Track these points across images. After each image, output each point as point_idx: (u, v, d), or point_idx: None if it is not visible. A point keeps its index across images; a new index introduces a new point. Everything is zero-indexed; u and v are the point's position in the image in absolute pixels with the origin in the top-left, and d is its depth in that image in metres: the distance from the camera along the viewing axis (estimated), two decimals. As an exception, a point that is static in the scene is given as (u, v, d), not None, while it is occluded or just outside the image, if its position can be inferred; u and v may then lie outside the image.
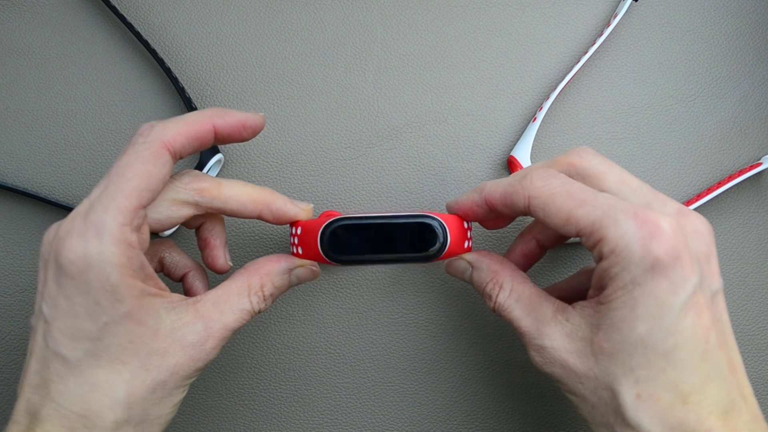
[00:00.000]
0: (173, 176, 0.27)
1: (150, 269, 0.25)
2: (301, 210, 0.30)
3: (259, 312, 0.28)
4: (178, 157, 0.26)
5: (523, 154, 0.36)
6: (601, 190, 0.25)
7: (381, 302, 0.37)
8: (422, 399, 0.36)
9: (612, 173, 0.26)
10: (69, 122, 0.38)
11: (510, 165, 0.37)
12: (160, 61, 0.37)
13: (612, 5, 0.39)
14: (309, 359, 0.37)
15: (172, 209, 0.27)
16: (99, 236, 0.23)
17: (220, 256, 0.30)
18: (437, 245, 0.28)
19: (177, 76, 0.37)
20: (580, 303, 0.25)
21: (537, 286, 0.28)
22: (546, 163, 0.27)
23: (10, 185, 0.36)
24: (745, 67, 0.39)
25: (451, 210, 0.30)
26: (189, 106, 0.36)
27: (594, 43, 0.37)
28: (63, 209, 0.36)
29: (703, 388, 0.23)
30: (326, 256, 0.28)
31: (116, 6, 0.37)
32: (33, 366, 0.24)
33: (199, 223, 0.30)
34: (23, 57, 0.38)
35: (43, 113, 0.38)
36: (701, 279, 0.23)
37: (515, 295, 0.27)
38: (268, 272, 0.29)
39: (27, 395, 0.24)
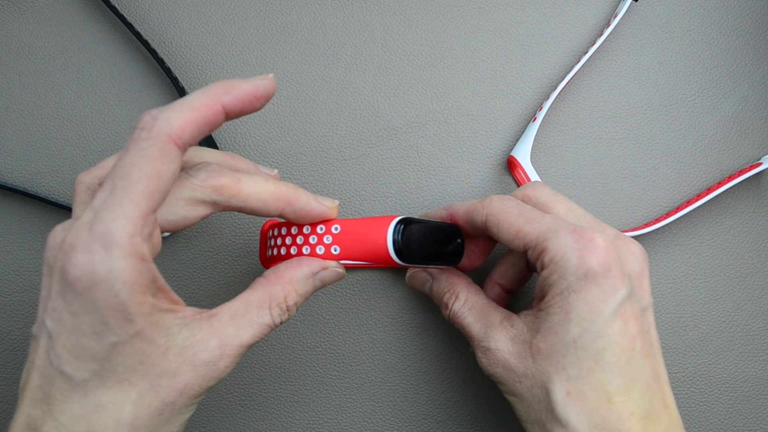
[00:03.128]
0: (188, 171, 0.25)
1: (162, 281, 0.23)
2: (327, 208, 0.28)
3: (280, 324, 0.26)
4: (186, 148, 0.23)
5: (523, 154, 0.36)
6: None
7: (381, 302, 0.37)
8: (422, 399, 0.36)
9: (560, 203, 0.29)
10: (69, 122, 0.38)
11: (510, 165, 0.37)
12: (160, 61, 0.37)
13: (612, 5, 0.39)
14: (309, 359, 0.37)
15: (187, 209, 0.25)
16: (107, 250, 0.21)
17: None
18: (461, 251, 0.32)
19: (177, 76, 0.37)
20: (524, 311, 0.28)
21: (489, 299, 0.31)
22: (504, 196, 0.31)
23: (10, 185, 0.36)
24: (745, 67, 0.39)
25: None
26: (189, 106, 0.36)
27: (594, 43, 0.37)
28: (63, 209, 0.36)
29: (626, 390, 0.25)
30: (398, 255, 0.27)
31: (116, 6, 0.37)
32: (35, 380, 0.23)
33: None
34: (23, 57, 0.38)
35: (43, 113, 0.38)
36: (631, 292, 0.25)
37: (469, 304, 0.30)
38: (291, 279, 0.26)
39: (28, 409, 0.23)
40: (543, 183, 0.31)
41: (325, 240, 0.28)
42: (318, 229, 0.28)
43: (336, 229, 0.28)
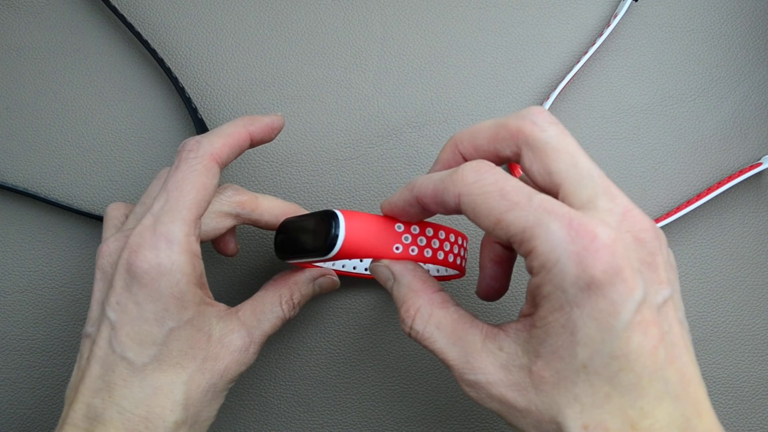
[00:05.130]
0: (216, 190, 0.29)
1: (205, 278, 0.27)
2: None
3: (289, 319, 0.30)
4: (224, 166, 0.28)
5: (523, 154, 0.36)
6: (548, 172, 0.22)
7: (381, 302, 0.37)
8: (422, 399, 0.36)
9: (564, 152, 0.22)
10: (69, 122, 0.38)
11: (510, 165, 0.37)
12: (160, 61, 0.37)
13: (612, 5, 0.39)
14: (309, 359, 0.37)
15: (217, 221, 0.29)
16: (170, 246, 0.25)
17: (231, 242, 0.33)
18: (326, 239, 0.25)
19: (177, 76, 0.37)
20: (513, 327, 0.23)
21: (461, 309, 0.25)
22: (495, 125, 0.24)
23: (10, 185, 0.36)
24: (745, 67, 0.39)
25: (384, 211, 0.27)
26: (189, 106, 0.36)
27: (594, 43, 0.37)
28: (63, 209, 0.36)
29: (652, 410, 0.21)
30: (277, 253, 0.30)
31: (116, 6, 0.37)
32: (95, 371, 0.25)
33: None
34: (23, 57, 0.38)
35: (43, 113, 0.38)
36: (645, 292, 0.21)
37: (435, 321, 0.24)
38: (296, 282, 0.31)
39: (87, 399, 0.25)
40: (546, 112, 0.24)
41: None
42: None
43: None
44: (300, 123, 0.38)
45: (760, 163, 0.36)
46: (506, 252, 0.28)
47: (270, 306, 0.30)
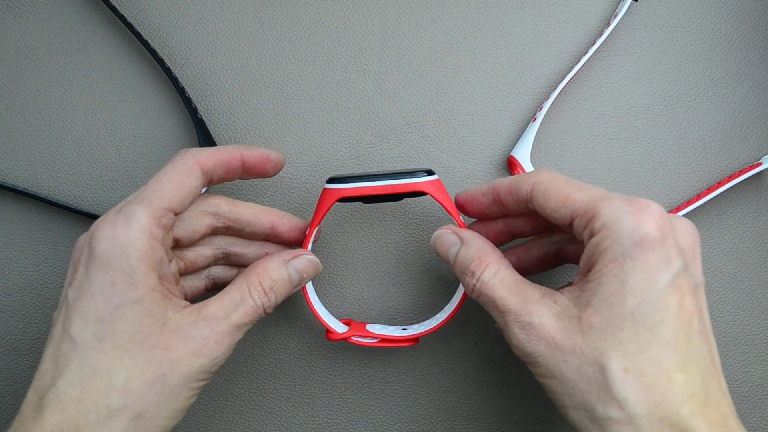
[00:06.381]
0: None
1: (168, 269, 0.27)
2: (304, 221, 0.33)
3: (265, 308, 0.29)
4: (209, 176, 0.29)
5: (523, 154, 0.36)
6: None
7: (381, 302, 0.37)
8: (422, 399, 0.36)
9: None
10: (69, 122, 0.38)
11: (510, 165, 0.37)
12: (160, 61, 0.37)
13: (612, 5, 0.39)
14: (309, 359, 0.37)
15: (193, 217, 0.30)
16: (127, 223, 0.25)
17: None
18: (425, 172, 0.31)
19: (177, 76, 0.37)
20: (567, 289, 0.26)
21: (521, 276, 0.28)
22: (552, 169, 0.30)
23: (10, 185, 0.36)
24: (745, 67, 0.39)
25: (459, 198, 0.32)
26: (189, 106, 0.36)
27: (594, 43, 0.37)
28: (63, 209, 0.36)
29: (685, 367, 0.23)
30: (329, 182, 0.31)
31: (116, 6, 0.37)
32: (48, 351, 0.25)
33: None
34: (23, 57, 0.38)
35: (43, 113, 0.38)
36: (685, 266, 0.24)
37: (500, 276, 0.28)
38: (264, 267, 0.30)
39: (36, 382, 0.25)
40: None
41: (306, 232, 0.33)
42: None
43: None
44: (300, 123, 0.38)
45: (760, 163, 0.36)
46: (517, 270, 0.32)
47: (238, 296, 0.28)
